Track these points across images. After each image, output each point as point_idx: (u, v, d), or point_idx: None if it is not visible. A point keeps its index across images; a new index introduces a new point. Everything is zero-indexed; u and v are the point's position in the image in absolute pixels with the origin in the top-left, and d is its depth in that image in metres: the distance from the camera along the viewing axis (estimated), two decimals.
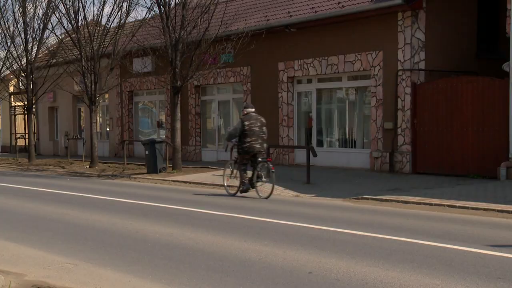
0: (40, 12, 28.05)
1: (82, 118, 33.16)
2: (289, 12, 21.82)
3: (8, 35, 29.35)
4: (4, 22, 29.68)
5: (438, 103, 17.50)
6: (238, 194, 14.84)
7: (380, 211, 12.32)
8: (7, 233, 9.87)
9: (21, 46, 28.75)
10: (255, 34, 21.37)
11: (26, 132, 33.11)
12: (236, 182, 15.14)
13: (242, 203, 13.56)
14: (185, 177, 19.30)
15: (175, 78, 20.63)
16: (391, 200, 13.47)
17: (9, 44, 29.65)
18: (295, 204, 13.53)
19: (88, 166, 24.18)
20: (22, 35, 28.35)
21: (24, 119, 34.80)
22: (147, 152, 20.97)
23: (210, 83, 24.93)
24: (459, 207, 12.31)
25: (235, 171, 15.24)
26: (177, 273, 7.13)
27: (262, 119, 15.05)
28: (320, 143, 21.42)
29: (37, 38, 28.19)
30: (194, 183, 18.10)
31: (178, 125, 20.91)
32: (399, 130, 18.53)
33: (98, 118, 28.90)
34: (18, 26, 28.79)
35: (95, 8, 53.78)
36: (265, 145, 14.98)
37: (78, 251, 8.44)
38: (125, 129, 29.30)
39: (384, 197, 13.75)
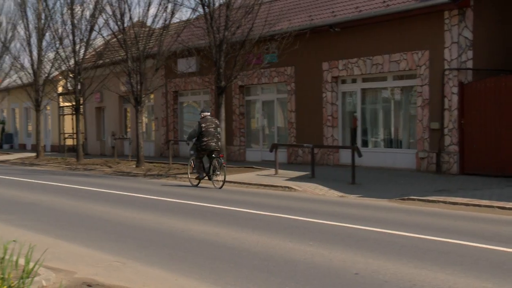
0: (87, 14, 28.53)
1: (128, 118, 33.58)
2: (333, 11, 21.72)
3: (57, 36, 29.90)
4: (52, 24, 30.28)
5: (487, 103, 17.19)
6: (199, 184, 17.58)
7: (427, 212, 12.16)
8: (57, 231, 10.06)
9: (69, 48, 29.24)
10: (299, 34, 21.33)
11: (74, 132, 33.72)
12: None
13: (286, 203, 13.55)
14: (229, 177, 19.32)
15: (220, 78, 20.72)
16: (439, 201, 13.28)
17: (57, 45, 30.21)
18: (340, 205, 13.46)
19: (134, 166, 24.47)
20: (70, 37, 28.85)
21: (72, 119, 35.42)
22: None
23: (254, 83, 24.98)
24: (510, 208, 12.06)
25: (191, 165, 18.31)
26: (223, 273, 7.17)
27: (216, 121, 17.91)
28: (365, 143, 21.25)
29: (85, 40, 28.64)
30: (238, 183, 18.15)
31: (222, 125, 20.99)
32: (445, 130, 18.26)
33: (143, 118, 29.20)
34: (66, 28, 29.32)
35: (140, 9, 54.48)
36: (220, 143, 17.71)
37: (125, 250, 8.55)
38: (170, 129, 29.56)
39: (431, 198, 13.56)
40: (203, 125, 17.31)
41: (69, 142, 36.35)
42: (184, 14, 58.75)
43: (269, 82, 24.39)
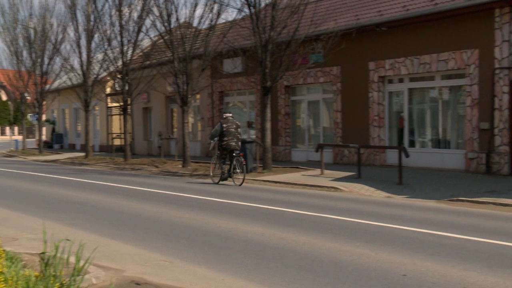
0: (135, 15, 28.89)
1: (174, 118, 33.90)
2: (379, 10, 21.53)
3: (105, 38, 30.37)
4: (101, 25, 30.78)
5: None
6: (221, 182, 18.34)
7: (477, 214, 11.95)
8: (106, 230, 10.22)
9: (117, 49, 29.67)
10: (345, 33, 21.21)
11: (122, 132, 34.20)
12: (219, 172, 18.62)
13: (332, 204, 13.49)
14: (275, 177, 19.39)
15: (265, 78, 20.75)
16: (488, 203, 13.04)
17: (106, 47, 30.71)
18: (386, 205, 13.33)
19: (180, 166, 24.68)
20: (118, 38, 29.26)
21: (120, 119, 35.95)
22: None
23: (299, 83, 24.94)
24: None
25: (217, 164, 18.97)
26: (269, 273, 7.18)
27: (237, 122, 18.81)
28: (412, 144, 21.01)
29: (132, 41, 29.02)
30: (284, 183, 18.15)
31: (268, 125, 21.02)
32: (496, 130, 17.91)
33: (189, 118, 29.46)
34: (115, 29, 29.73)
35: (187, 10, 54.93)
36: (240, 143, 18.53)
37: (173, 249, 8.63)
38: None
39: (480, 199, 13.33)
40: (224, 125, 18.33)
41: (117, 142, 36.88)
42: (230, 14, 58.98)
43: (315, 82, 24.31)
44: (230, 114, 18.90)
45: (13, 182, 19.87)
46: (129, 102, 29.78)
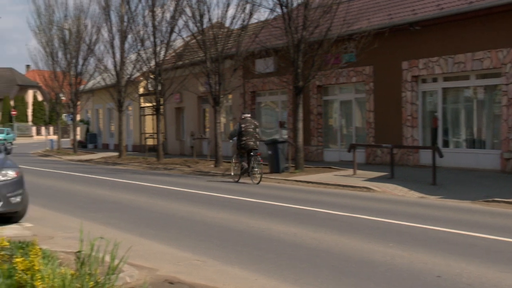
0: (168, 16, 29.08)
1: (206, 118, 34.05)
2: (413, 9, 21.34)
3: (138, 38, 30.63)
4: (134, 26, 31.05)
5: None
6: (240, 180, 18.93)
7: None
8: (140, 229, 10.31)
9: (150, 49, 29.91)
10: (378, 33, 21.06)
11: (155, 132, 34.45)
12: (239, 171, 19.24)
13: (364, 204, 13.42)
14: (307, 177, 19.35)
15: (297, 78, 20.72)
16: None
17: (139, 47, 30.95)
18: (420, 206, 13.21)
19: (212, 166, 24.77)
20: (151, 39, 29.48)
21: (153, 119, 36.23)
22: (269, 152, 21.20)
23: (332, 83, 24.85)
24: None
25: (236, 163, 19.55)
26: (302, 273, 7.17)
27: (255, 122, 19.50)
28: (446, 144, 20.78)
29: (165, 41, 29.22)
30: (316, 183, 18.10)
31: (300, 125, 20.99)
32: None
33: (222, 118, 29.55)
34: (148, 30, 29.98)
35: (219, 10, 55.05)
36: (258, 142, 19.09)
37: (205, 248, 8.67)
38: None
39: None
40: (242, 125, 19.03)
41: (150, 141, 37.17)
42: (262, 14, 58.94)
43: (347, 81, 24.21)
44: (249, 115, 19.68)
45: (49, 181, 20.17)
46: (161, 102, 29.98)
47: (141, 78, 35.59)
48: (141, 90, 38.31)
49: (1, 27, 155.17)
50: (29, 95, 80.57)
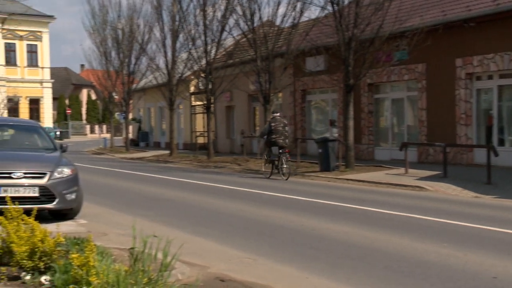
0: (219, 14, 29.24)
1: (256, 116, 34.10)
2: (467, 6, 20.93)
3: (190, 37, 30.88)
4: (186, 25, 31.31)
5: None
6: (271, 177, 19.80)
7: None
8: (192, 227, 10.38)
9: (201, 48, 30.11)
10: (431, 30, 20.71)
11: (205, 130, 34.67)
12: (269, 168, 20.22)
13: (417, 203, 13.22)
14: (358, 175, 19.19)
15: (348, 76, 20.56)
16: None
17: (190, 46, 31.20)
18: (474, 205, 12.95)
19: (263, 164, 24.75)
20: (202, 37, 29.68)
21: (203, 118, 36.45)
22: (320, 151, 21.10)
23: (383, 81, 24.57)
24: None
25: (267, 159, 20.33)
26: (355, 272, 7.10)
27: (284, 121, 20.43)
28: (501, 142, 20.31)
29: (216, 40, 29.38)
30: (367, 182, 17.93)
31: (351, 123, 20.82)
32: None
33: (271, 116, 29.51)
34: (199, 29, 30.19)
35: (270, 9, 55.08)
36: (287, 140, 19.83)
37: (256, 246, 8.67)
38: (298, 127, 29.71)
39: None
40: (272, 124, 19.81)
41: (200, 140, 37.43)
42: (312, 12, 58.77)
43: (399, 79, 23.91)
44: (278, 114, 20.49)
45: (102, 179, 20.51)
46: (212, 100, 30.15)
47: (192, 77, 35.86)
48: (192, 89, 38.61)
49: (57, 28, 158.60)
50: (83, 94, 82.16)
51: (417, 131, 23.31)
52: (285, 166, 19.36)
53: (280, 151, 19.52)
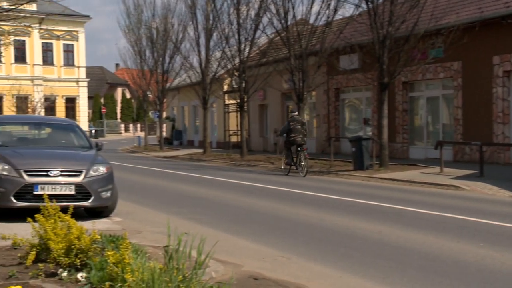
0: (253, 13, 29.27)
1: (290, 115, 34.01)
2: (506, 2, 20.63)
3: (223, 36, 30.98)
4: (220, 24, 31.41)
5: None
6: (289, 174, 20.69)
7: None
8: (225, 225, 10.42)
9: (235, 47, 30.17)
10: (468, 27, 20.44)
11: (238, 129, 34.75)
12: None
13: (452, 202, 13.07)
14: (392, 174, 19.04)
15: (382, 74, 20.41)
16: None
17: (224, 45, 31.29)
18: None
19: (282, 162, 24.69)
20: (236, 36, 29.75)
21: (236, 116, 36.55)
22: (353, 149, 20.99)
23: (418, 79, 24.33)
24: None
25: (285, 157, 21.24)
26: (388, 271, 7.05)
27: (303, 120, 21.55)
28: None
29: (249, 39, 29.41)
30: (401, 180, 17.78)
31: (385, 122, 20.67)
32: None
33: (305, 115, 29.47)
34: (232, 27, 30.27)
35: (303, 7, 54.91)
36: (305, 138, 20.77)
37: (289, 245, 8.67)
38: (332, 126, 29.59)
39: None
40: (291, 123, 20.69)
41: (234, 138, 37.50)
42: (347, 10, 58.40)
43: (434, 77, 23.66)
44: (296, 113, 21.63)
45: (136, 177, 20.70)
46: (245, 99, 30.19)
47: (226, 76, 35.95)
48: (225, 88, 38.72)
49: (93, 27, 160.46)
50: (118, 93, 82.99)
51: (453, 130, 23.04)
52: (303, 163, 20.12)
53: (299, 149, 20.31)
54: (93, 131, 61.82)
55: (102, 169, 10.74)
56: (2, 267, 6.64)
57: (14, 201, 10.06)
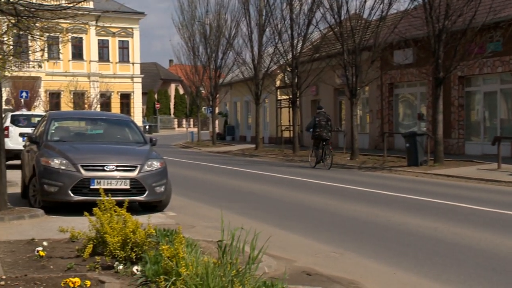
0: (305, 8, 29.17)
1: (342, 110, 33.82)
2: None
3: (276, 32, 30.98)
4: (273, 19, 31.43)
5: None
6: (317, 166, 21.70)
7: None
8: (277, 220, 10.43)
9: (287, 42, 30.13)
10: None
11: (291, 124, 34.70)
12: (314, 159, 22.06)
13: (510, 199, 12.77)
14: (447, 170, 18.72)
15: (438, 69, 20.07)
16: None
17: (276, 40, 31.29)
18: None
19: (348, 158, 24.58)
20: (289, 32, 29.73)
21: (289, 112, 36.49)
22: (407, 145, 20.71)
23: (475, 74, 23.83)
24: None
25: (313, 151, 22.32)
26: (444, 269, 6.94)
27: (328, 116, 22.39)
28: None
29: (302, 34, 29.33)
30: (457, 177, 17.47)
31: (440, 117, 20.33)
32: None
33: (358, 110, 29.24)
34: (285, 23, 30.25)
35: (357, 2, 54.48)
36: (330, 134, 21.80)
37: (342, 241, 8.62)
38: (385, 121, 29.27)
39: None
40: (317, 119, 21.75)
41: (286, 134, 37.46)
42: (401, 4, 57.72)
43: (492, 72, 23.12)
44: (322, 109, 22.50)
45: (189, 172, 20.90)
46: (298, 94, 30.14)
47: (278, 71, 35.94)
48: (277, 83, 38.69)
49: (147, 24, 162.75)
50: (172, 88, 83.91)
51: (511, 125, 22.48)
52: (327, 156, 21.41)
53: (324, 143, 21.47)
54: (147, 127, 62.72)
55: (156, 164, 10.88)
56: (61, 259, 6.81)
57: (72, 195, 10.29)
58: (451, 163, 20.19)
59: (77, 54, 55.97)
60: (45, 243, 7.36)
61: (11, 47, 14.61)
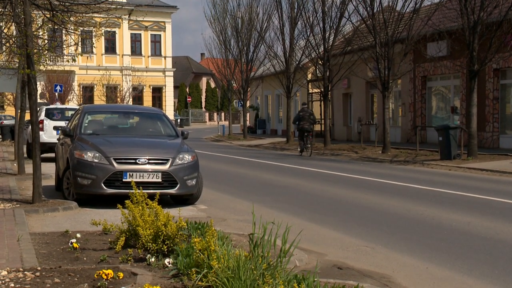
0: (338, 1, 29.01)
1: (374, 104, 33.59)
2: None
3: (308, 25, 30.87)
4: (304, 12, 31.32)
5: None
6: (302, 154, 25.18)
7: None
8: (308, 214, 10.42)
9: (319, 35, 30.00)
10: None
11: (322, 117, 34.59)
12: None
13: None
14: (481, 164, 18.49)
15: (472, 61, 19.79)
16: None
17: (308, 33, 31.18)
18: None
19: (380, 152, 24.43)
20: (320, 24, 29.61)
21: (320, 105, 36.37)
22: (440, 138, 20.48)
23: (510, 66, 23.45)
24: None
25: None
26: (477, 264, 6.87)
27: (310, 110, 27.04)
28: None
29: (334, 27, 29.19)
30: (491, 170, 17.24)
31: (474, 110, 20.06)
32: None
33: (390, 104, 29.00)
34: (317, 15, 30.13)
35: None
36: (312, 126, 25.31)
37: (373, 235, 8.57)
38: (418, 114, 28.98)
39: None
40: (300, 113, 25.46)
41: (317, 127, 37.34)
42: None
43: None
44: (306, 106, 26.98)
45: (220, 165, 20.97)
46: (329, 88, 30.01)
47: (310, 64, 35.81)
48: (309, 76, 38.58)
49: (179, 18, 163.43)
50: (203, 82, 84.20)
51: None
52: (308, 145, 25.01)
53: (305, 134, 24.90)
54: (179, 120, 63.05)
55: (187, 158, 10.93)
56: (94, 251, 6.90)
57: (105, 188, 10.39)
58: (485, 157, 19.94)
59: (110, 48, 56.46)
60: (78, 235, 7.46)
61: (46, 41, 14.80)
